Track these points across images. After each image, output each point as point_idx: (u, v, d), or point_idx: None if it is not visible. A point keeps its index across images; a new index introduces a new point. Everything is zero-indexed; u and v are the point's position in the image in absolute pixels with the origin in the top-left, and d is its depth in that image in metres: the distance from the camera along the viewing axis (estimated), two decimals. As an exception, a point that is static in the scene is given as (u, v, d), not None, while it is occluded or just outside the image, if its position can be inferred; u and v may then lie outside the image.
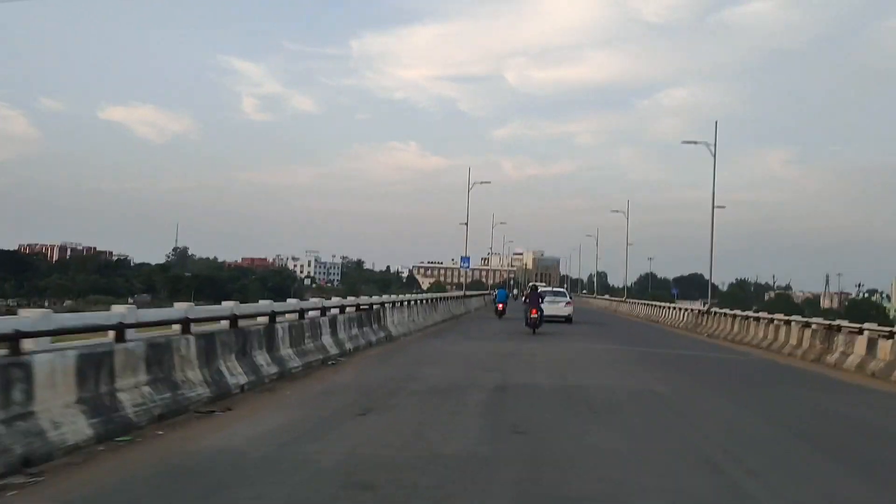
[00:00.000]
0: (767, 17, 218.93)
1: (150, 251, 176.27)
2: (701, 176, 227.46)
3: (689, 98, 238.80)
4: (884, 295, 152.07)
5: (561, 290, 41.70)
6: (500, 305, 38.61)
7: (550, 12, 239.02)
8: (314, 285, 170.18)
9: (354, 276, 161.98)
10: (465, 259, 55.14)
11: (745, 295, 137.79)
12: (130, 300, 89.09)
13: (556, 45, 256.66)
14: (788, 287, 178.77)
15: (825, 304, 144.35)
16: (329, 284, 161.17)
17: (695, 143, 37.78)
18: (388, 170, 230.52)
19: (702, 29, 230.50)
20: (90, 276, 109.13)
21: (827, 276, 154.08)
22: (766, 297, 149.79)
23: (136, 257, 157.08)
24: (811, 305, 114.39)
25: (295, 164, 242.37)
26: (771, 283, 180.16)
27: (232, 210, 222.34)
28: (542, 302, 28.91)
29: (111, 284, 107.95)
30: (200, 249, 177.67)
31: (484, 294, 58.71)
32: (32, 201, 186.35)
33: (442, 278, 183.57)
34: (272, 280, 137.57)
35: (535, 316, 26.23)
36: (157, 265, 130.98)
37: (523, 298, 32.17)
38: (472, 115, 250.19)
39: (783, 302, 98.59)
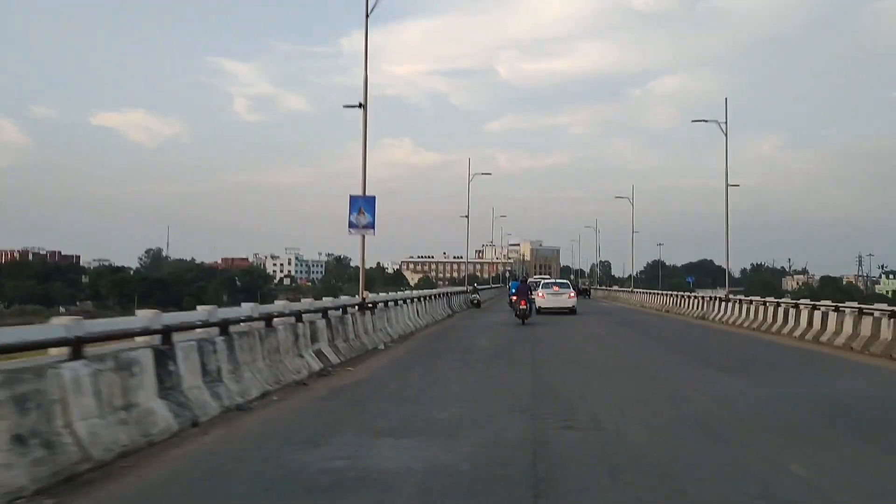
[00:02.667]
0: (757, 2, 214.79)
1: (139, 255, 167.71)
2: (698, 163, 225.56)
3: (681, 86, 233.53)
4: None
5: (564, 281, 38.98)
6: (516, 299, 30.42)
7: (540, 4, 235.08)
8: (294, 285, 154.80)
9: (334, 273, 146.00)
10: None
11: (766, 280, 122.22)
12: (62, 309, 74.11)
13: (547, 37, 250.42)
14: (805, 271, 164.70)
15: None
16: (310, 284, 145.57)
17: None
18: (382, 166, 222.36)
19: (692, 16, 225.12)
20: (25, 281, 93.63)
21: (860, 257, 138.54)
22: (792, 284, 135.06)
23: (122, 262, 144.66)
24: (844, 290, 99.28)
25: (288, 163, 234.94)
26: (787, 267, 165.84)
27: (225, 212, 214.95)
28: (545, 294, 31.71)
29: (49, 291, 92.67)
30: (190, 252, 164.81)
31: (462, 292, 38.61)
32: (24, 209, 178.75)
33: (433, 273, 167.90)
34: (242, 280, 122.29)
35: (525, 307, 25.36)
36: (110, 267, 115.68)
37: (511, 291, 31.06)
38: (465, 110, 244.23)
39: (830, 286, 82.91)
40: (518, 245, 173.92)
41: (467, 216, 54.08)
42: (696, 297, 34.58)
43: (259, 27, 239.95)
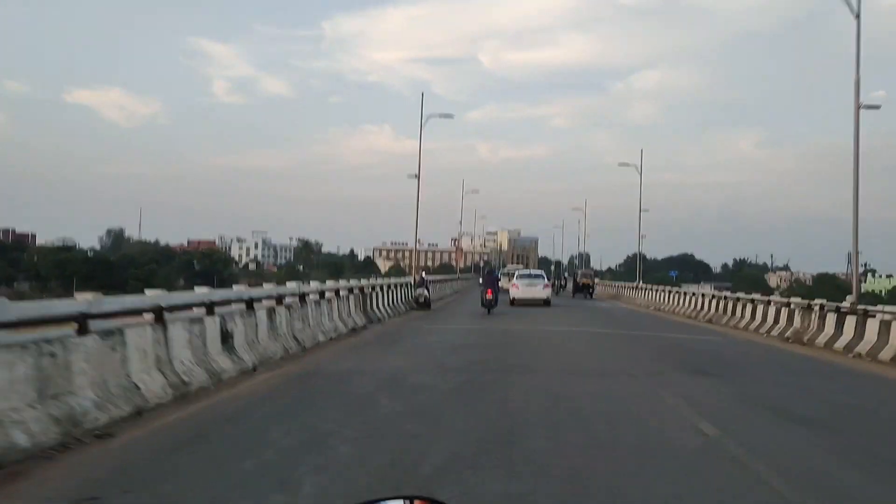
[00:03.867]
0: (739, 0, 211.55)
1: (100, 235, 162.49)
2: (676, 158, 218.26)
3: (663, 80, 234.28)
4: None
5: (538, 272, 37.39)
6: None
7: None
8: (261, 270, 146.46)
9: (301, 259, 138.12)
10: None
11: (754, 277, 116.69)
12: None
13: (530, 28, 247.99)
14: (787, 267, 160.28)
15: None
16: (278, 269, 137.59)
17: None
18: (361, 153, 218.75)
19: (675, 11, 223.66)
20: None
21: (849, 255, 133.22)
22: (776, 280, 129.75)
23: (88, 243, 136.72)
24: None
25: (267, 147, 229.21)
26: (769, 263, 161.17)
27: (200, 194, 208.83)
28: (519, 286, 30.96)
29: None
30: (163, 234, 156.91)
31: (401, 282, 27.05)
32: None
33: (406, 261, 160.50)
34: (201, 263, 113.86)
35: (490, 297, 24.68)
36: (56, 247, 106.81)
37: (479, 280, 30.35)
38: (447, 98, 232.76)
39: (828, 284, 76.88)
40: (495, 234, 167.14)
41: (418, 175, 48.71)
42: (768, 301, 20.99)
43: (240, 8, 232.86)
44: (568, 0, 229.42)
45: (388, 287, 22.48)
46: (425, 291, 25.37)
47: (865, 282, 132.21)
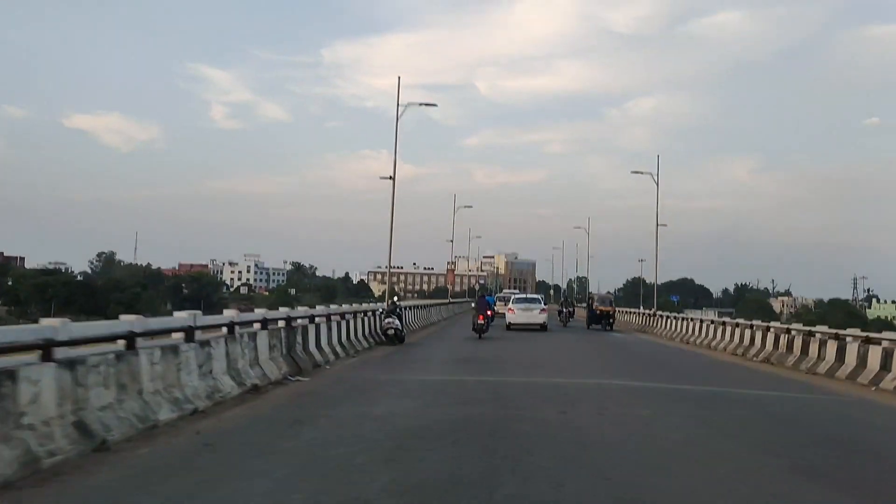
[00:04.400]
0: (733, 28, 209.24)
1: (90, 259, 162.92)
2: (672, 184, 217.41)
3: (658, 108, 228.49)
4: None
5: (535, 296, 36.00)
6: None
7: (521, 22, 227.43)
8: (252, 294, 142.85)
9: (293, 282, 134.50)
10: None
11: (760, 302, 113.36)
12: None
13: (527, 56, 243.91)
14: (788, 292, 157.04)
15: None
16: (270, 292, 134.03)
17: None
18: (359, 178, 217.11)
19: (670, 40, 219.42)
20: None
21: (855, 280, 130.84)
22: (778, 306, 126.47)
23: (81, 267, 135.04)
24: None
25: (265, 172, 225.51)
26: (770, 288, 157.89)
27: (196, 218, 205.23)
28: (515, 310, 30.20)
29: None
30: (157, 257, 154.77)
31: (364, 310, 20.95)
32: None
33: (402, 284, 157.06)
34: (190, 287, 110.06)
35: (482, 322, 24.13)
36: (37, 271, 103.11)
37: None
38: (444, 124, 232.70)
39: (840, 310, 73.46)
40: (492, 258, 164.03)
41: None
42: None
43: (239, 34, 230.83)
44: (564, 28, 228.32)
45: (344, 318, 17.01)
46: (396, 321, 19.96)
47: (870, 307, 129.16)
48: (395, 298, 24.38)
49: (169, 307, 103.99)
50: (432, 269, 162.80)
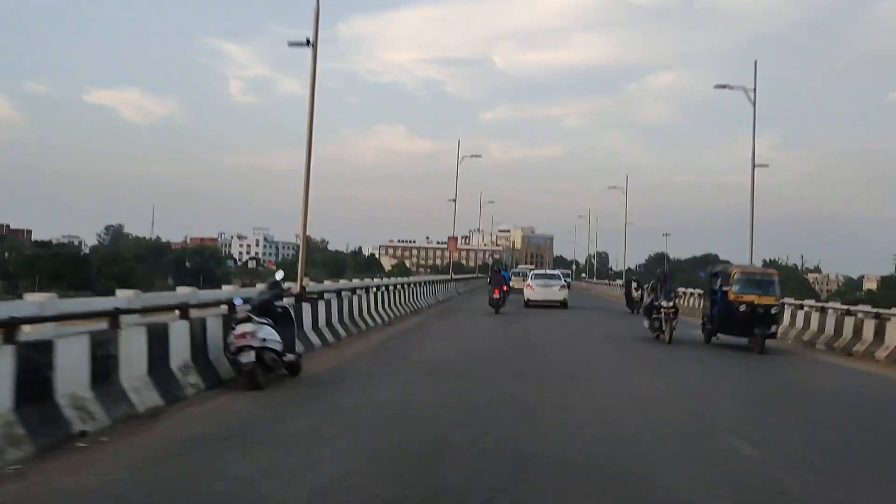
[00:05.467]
0: (754, 1, 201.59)
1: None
2: (692, 160, 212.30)
3: (677, 82, 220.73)
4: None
5: (555, 272, 34.58)
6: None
7: None
8: (261, 268, 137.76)
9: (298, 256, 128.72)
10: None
11: (799, 279, 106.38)
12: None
13: (545, 29, 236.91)
14: (818, 269, 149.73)
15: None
16: (275, 266, 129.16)
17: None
18: (375, 153, 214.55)
19: (691, 13, 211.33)
20: None
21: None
22: (813, 283, 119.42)
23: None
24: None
25: (282, 147, 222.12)
26: (799, 265, 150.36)
27: (213, 192, 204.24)
28: (534, 286, 28.55)
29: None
30: (175, 232, 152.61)
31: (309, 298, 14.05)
32: (14, 186, 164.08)
33: (413, 259, 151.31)
34: (192, 261, 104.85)
35: (498, 296, 23.64)
36: (35, 243, 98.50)
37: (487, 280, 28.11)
38: (461, 99, 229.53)
39: None
40: (508, 231, 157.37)
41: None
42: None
43: (256, 9, 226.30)
44: (582, 1, 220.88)
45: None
46: (269, 335, 8.61)
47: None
48: (280, 276, 10.83)
49: (171, 281, 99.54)
50: (444, 242, 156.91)
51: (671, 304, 16.02)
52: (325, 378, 9.68)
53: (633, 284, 27.98)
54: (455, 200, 49.88)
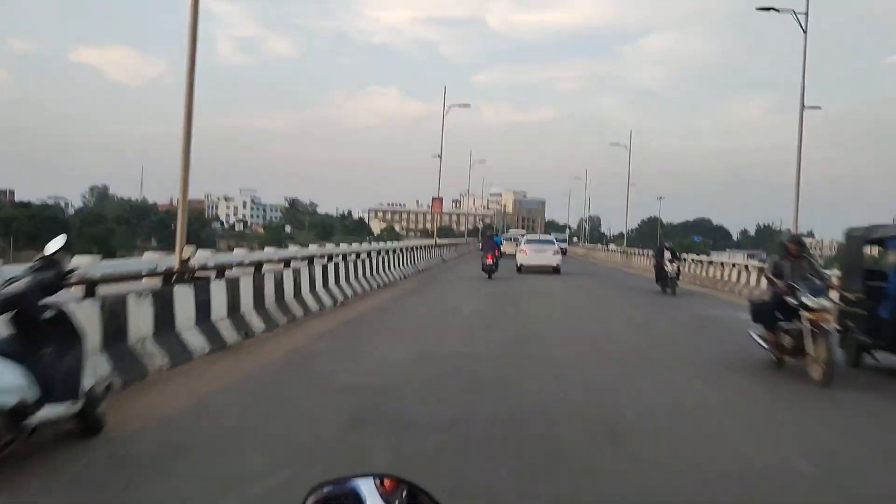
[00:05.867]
0: None
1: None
2: (686, 123, 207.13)
3: (672, 45, 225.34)
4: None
5: (549, 237, 34.12)
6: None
7: None
8: (247, 230, 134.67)
9: (288, 219, 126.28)
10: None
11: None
12: None
13: None
14: (811, 234, 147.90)
15: None
16: (265, 229, 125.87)
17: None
18: (367, 115, 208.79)
19: None
20: None
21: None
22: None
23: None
24: None
25: (272, 108, 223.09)
26: (793, 229, 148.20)
27: (203, 155, 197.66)
28: (528, 251, 28.10)
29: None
30: (163, 194, 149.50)
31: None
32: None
33: (403, 223, 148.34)
34: (172, 222, 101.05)
35: (491, 262, 23.53)
36: (10, 204, 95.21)
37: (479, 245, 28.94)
38: (453, 60, 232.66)
39: None
40: (500, 195, 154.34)
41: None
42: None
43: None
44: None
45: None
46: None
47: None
48: (84, 261, 7.27)
49: (154, 243, 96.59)
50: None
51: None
52: (143, 449, 4.99)
53: (667, 255, 21.00)
54: (441, 156, 45.23)
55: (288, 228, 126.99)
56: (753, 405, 7.22)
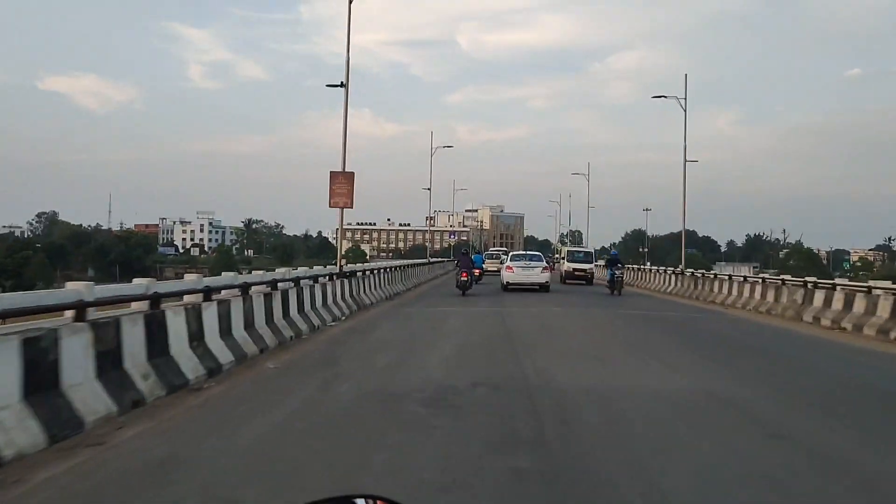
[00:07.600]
0: None
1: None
2: (657, 138, 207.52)
3: (641, 61, 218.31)
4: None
5: (536, 253, 32.04)
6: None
7: None
8: (203, 255, 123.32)
9: (244, 242, 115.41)
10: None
11: (809, 256, 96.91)
12: None
13: (509, 9, 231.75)
14: (800, 243, 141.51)
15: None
16: (213, 254, 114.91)
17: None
18: (339, 136, 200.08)
19: None
20: None
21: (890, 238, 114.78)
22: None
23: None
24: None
25: (244, 132, 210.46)
26: (781, 240, 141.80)
27: (174, 180, 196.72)
28: (514, 268, 27.52)
29: None
30: (134, 220, 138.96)
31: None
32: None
33: (374, 242, 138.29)
34: (115, 250, 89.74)
35: (466, 279, 23.66)
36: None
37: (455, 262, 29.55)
38: (426, 81, 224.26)
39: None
40: (476, 211, 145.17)
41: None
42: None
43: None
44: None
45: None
46: None
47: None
48: None
49: (91, 273, 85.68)
50: (409, 224, 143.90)
51: None
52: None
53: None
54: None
55: (250, 252, 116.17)
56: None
